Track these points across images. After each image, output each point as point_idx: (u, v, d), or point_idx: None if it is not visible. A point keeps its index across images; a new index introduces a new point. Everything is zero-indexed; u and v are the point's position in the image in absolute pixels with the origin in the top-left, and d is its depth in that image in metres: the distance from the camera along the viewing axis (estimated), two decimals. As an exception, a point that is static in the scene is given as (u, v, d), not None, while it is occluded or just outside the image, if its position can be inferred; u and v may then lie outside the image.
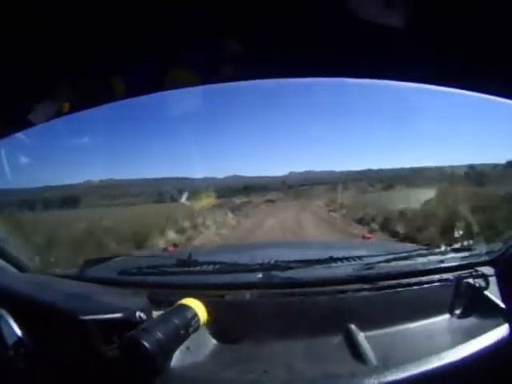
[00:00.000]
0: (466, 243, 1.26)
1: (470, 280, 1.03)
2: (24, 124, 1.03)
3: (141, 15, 0.72)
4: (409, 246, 1.37)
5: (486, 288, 1.01)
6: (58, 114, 1.04)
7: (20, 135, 1.09)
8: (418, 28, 0.75)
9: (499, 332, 0.89)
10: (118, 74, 0.90)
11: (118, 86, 0.95)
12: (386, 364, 0.80)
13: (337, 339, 0.91)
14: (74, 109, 1.04)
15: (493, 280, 1.03)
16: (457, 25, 0.75)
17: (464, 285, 1.03)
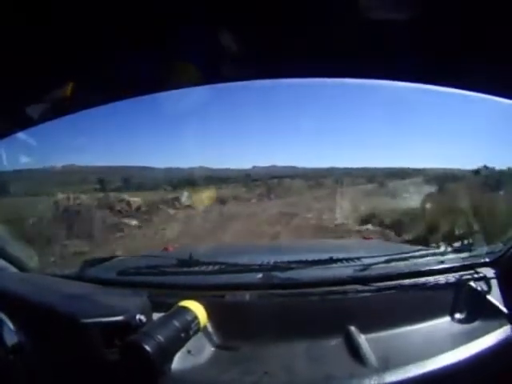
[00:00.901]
0: (466, 244, 1.26)
1: (471, 281, 1.03)
2: (23, 124, 1.03)
3: (140, 15, 0.72)
4: (409, 247, 1.37)
5: (487, 289, 1.01)
6: (59, 113, 1.04)
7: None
8: (418, 28, 0.75)
9: (500, 334, 0.89)
10: (116, 74, 0.90)
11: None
12: (386, 366, 0.80)
13: (337, 340, 0.91)
14: (74, 108, 1.04)
15: (493, 281, 1.03)
16: (457, 25, 0.74)
17: (464, 286, 1.03)
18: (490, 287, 1.01)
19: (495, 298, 0.99)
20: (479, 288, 1.02)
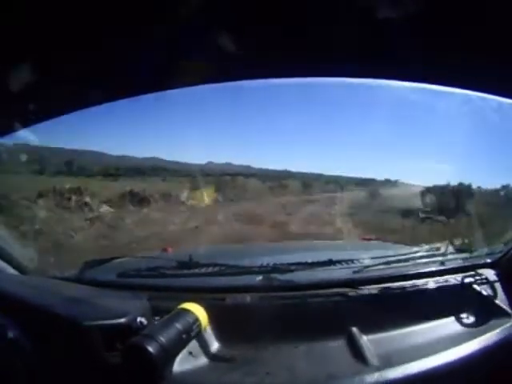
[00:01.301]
0: (466, 245, 1.26)
1: (472, 282, 1.03)
2: (25, 123, 1.02)
3: (140, 15, 0.71)
4: (409, 248, 1.37)
5: (488, 290, 1.01)
6: (61, 112, 1.03)
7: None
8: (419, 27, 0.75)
9: (501, 334, 0.89)
10: (117, 74, 0.90)
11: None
12: (388, 365, 0.80)
13: (338, 341, 0.90)
14: (73, 107, 1.04)
15: (494, 282, 1.03)
16: (457, 25, 0.74)
17: (465, 287, 1.03)
18: (490, 288, 1.02)
19: (496, 299, 1.00)
20: (480, 289, 1.02)
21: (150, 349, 0.69)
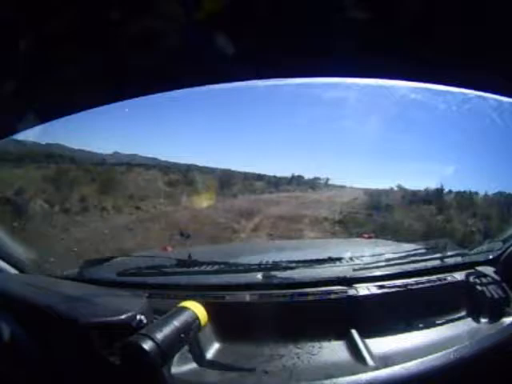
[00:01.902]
0: (466, 243, 1.27)
1: (471, 279, 1.04)
2: (25, 123, 1.02)
3: (140, 15, 0.71)
4: (409, 246, 1.38)
5: (487, 288, 1.02)
6: (62, 113, 1.03)
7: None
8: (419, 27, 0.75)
9: (500, 332, 0.90)
10: (116, 75, 0.90)
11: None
12: (386, 365, 0.81)
13: (337, 340, 0.91)
14: (74, 108, 1.03)
15: (493, 279, 1.03)
16: (457, 25, 0.74)
17: (464, 284, 1.03)
18: (490, 286, 1.02)
19: (495, 297, 1.00)
20: (479, 286, 1.02)
21: (147, 347, 0.68)
